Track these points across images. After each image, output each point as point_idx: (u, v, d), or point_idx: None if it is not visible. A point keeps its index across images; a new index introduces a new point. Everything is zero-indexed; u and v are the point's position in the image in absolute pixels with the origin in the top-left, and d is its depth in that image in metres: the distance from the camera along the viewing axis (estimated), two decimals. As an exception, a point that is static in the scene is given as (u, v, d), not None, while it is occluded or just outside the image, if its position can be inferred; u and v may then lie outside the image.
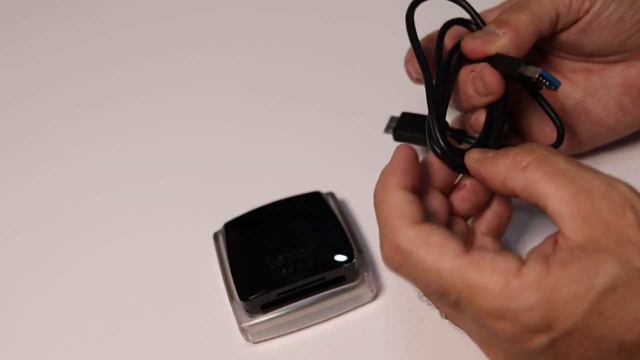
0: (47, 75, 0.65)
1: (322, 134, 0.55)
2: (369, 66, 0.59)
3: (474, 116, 0.43)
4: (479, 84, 0.41)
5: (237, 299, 0.43)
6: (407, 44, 0.44)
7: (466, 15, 0.45)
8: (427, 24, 0.45)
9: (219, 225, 0.47)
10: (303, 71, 0.61)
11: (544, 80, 0.39)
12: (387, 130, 0.48)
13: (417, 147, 0.39)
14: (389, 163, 0.37)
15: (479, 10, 0.45)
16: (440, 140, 0.39)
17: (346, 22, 0.64)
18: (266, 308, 0.43)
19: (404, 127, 0.47)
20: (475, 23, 0.44)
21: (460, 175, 0.40)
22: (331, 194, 0.48)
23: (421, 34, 0.44)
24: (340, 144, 0.54)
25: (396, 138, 0.47)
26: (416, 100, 0.48)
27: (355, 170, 0.51)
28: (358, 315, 0.44)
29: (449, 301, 0.33)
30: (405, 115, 0.48)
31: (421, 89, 0.41)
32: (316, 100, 0.58)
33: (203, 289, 0.47)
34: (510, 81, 0.41)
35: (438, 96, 0.40)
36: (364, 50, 0.61)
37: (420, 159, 0.38)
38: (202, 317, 0.46)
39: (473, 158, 0.37)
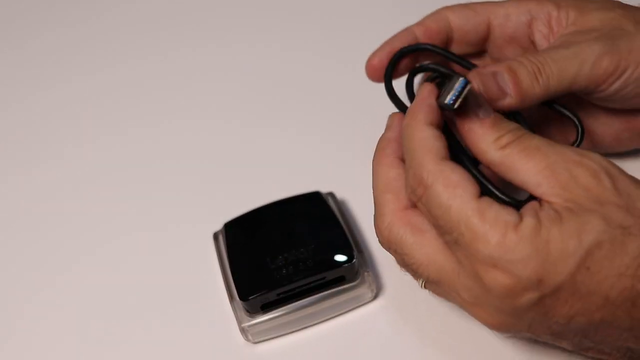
0: (47, 75, 0.65)
1: (322, 134, 0.55)
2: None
3: None
4: None
5: (237, 299, 0.43)
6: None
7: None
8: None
9: (219, 225, 0.47)
10: (303, 71, 0.61)
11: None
12: None
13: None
14: (416, 100, 0.38)
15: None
16: (502, 195, 0.36)
17: (346, 22, 0.64)
18: (266, 308, 0.43)
19: None
20: (446, 72, 0.42)
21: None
22: (331, 194, 0.48)
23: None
24: (340, 144, 0.54)
25: None
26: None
27: (355, 170, 0.51)
28: (358, 315, 0.44)
29: (451, 239, 0.34)
30: None
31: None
32: (316, 100, 0.58)
33: (203, 289, 0.47)
34: None
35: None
36: (364, 50, 0.61)
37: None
38: (202, 317, 0.46)
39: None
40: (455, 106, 0.35)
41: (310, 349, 0.44)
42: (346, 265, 0.43)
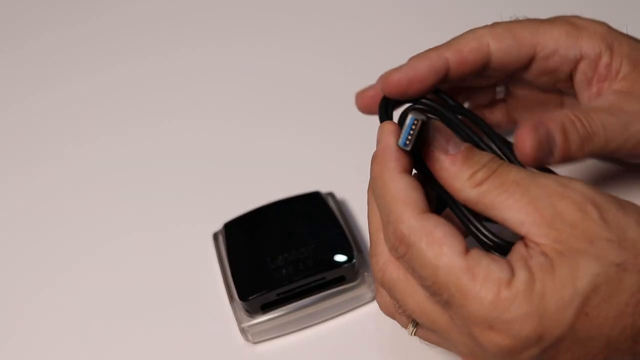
0: (47, 75, 0.65)
1: (322, 134, 0.55)
2: (369, 66, 0.59)
3: None
4: None
5: (237, 299, 0.43)
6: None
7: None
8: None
9: (219, 225, 0.47)
10: (303, 71, 0.61)
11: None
12: None
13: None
14: (379, 144, 0.35)
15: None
16: (490, 235, 0.34)
17: (346, 22, 0.64)
18: (266, 308, 0.43)
19: None
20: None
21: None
22: (331, 194, 0.48)
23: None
24: (340, 144, 0.54)
25: None
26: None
27: (355, 170, 0.51)
28: (358, 315, 0.44)
29: (441, 300, 0.32)
30: None
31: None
32: (316, 100, 0.58)
33: (203, 289, 0.47)
34: None
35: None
36: (364, 50, 0.61)
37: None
38: (202, 317, 0.46)
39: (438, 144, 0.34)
40: (409, 148, 0.33)
41: (310, 349, 0.44)
42: (346, 265, 0.43)
